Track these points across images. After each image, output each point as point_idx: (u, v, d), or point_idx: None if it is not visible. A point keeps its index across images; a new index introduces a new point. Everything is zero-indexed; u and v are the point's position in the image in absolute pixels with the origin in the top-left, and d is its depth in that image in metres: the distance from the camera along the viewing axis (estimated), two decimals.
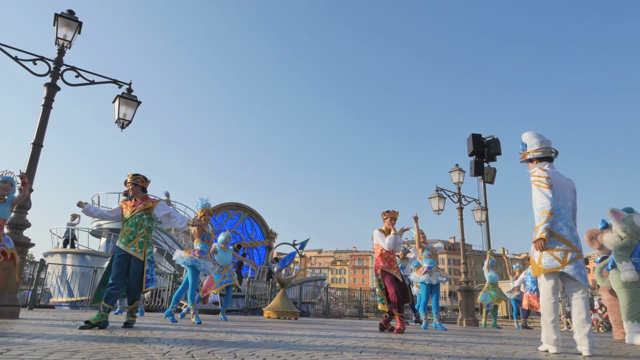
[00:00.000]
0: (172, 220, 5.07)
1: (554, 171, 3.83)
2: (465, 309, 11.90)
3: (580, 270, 3.56)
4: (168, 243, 16.12)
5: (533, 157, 3.95)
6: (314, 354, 2.95)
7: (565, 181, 3.84)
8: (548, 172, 3.73)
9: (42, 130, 6.19)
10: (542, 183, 3.69)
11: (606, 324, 13.49)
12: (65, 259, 14.55)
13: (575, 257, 3.57)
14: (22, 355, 2.35)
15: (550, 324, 3.58)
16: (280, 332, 4.98)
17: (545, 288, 3.65)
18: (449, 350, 3.52)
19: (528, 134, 4.03)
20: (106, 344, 3.00)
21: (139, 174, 5.02)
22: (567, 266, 3.53)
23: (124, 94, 7.23)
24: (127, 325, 4.68)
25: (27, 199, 5.89)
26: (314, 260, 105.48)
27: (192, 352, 2.76)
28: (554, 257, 3.58)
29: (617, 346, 4.81)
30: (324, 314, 15.70)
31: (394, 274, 6.38)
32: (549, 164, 3.88)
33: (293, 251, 10.99)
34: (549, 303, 3.61)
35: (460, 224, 12.67)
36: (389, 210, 6.69)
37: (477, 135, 14.04)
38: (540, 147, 3.92)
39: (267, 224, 20.97)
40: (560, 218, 3.69)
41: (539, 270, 3.66)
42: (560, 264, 3.55)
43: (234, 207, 20.05)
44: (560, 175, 3.84)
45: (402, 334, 5.98)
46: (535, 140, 3.96)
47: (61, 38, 6.53)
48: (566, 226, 3.66)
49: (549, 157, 3.91)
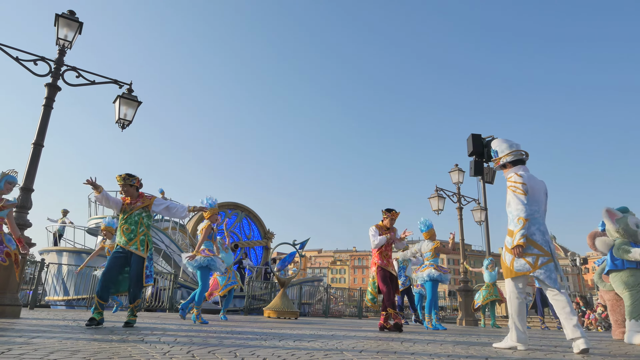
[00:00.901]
0: (173, 211, 5.13)
1: (529, 175, 3.93)
2: (464, 308, 11.92)
3: (551, 274, 3.68)
4: (165, 242, 16.07)
5: (506, 162, 4.05)
6: (314, 353, 2.96)
7: (538, 185, 3.94)
8: (524, 178, 3.83)
9: (42, 131, 6.20)
10: (517, 189, 3.80)
11: (605, 323, 13.51)
12: (61, 257, 14.52)
13: (546, 261, 3.71)
14: (23, 354, 2.36)
15: (519, 322, 3.71)
16: (281, 331, 5.00)
17: (513, 289, 3.80)
18: (449, 350, 3.54)
19: (496, 140, 4.18)
20: (107, 344, 3.01)
21: (132, 174, 5.00)
22: (538, 270, 3.67)
23: (125, 94, 7.25)
24: (127, 325, 4.69)
25: (27, 199, 5.91)
26: (314, 260, 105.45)
27: (193, 351, 2.78)
28: (525, 262, 3.72)
29: (616, 345, 4.83)
30: (323, 314, 15.71)
31: (390, 270, 6.44)
32: (524, 168, 3.99)
33: (293, 251, 11.01)
34: (516, 302, 3.77)
35: (459, 224, 12.68)
36: (392, 210, 6.69)
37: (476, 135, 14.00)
38: (510, 151, 4.03)
39: (266, 224, 20.91)
40: (533, 223, 3.81)
41: (511, 273, 3.79)
42: (531, 268, 3.70)
43: (232, 207, 19.95)
44: (534, 179, 3.94)
45: (401, 331, 5.98)
46: (504, 145, 4.08)
47: (62, 38, 6.54)
48: (539, 231, 3.79)
49: (521, 159, 4.02)
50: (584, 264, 33.38)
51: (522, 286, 3.82)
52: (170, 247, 16.01)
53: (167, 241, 16.17)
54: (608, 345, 4.82)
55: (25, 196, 5.86)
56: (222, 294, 7.88)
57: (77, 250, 15.01)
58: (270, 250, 20.82)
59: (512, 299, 3.79)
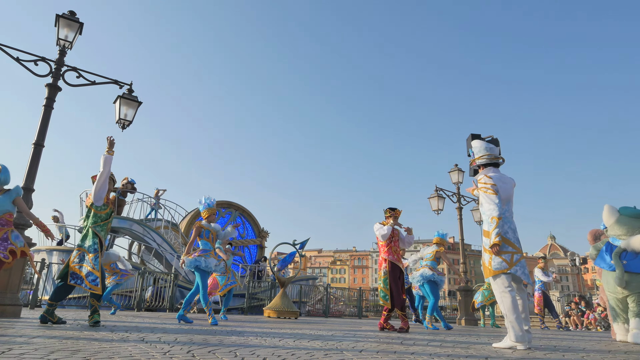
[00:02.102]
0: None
1: (499, 176, 4.09)
2: (464, 308, 11.93)
3: (524, 270, 3.88)
4: (157, 241, 16.04)
5: (479, 164, 4.24)
6: (313, 353, 2.96)
7: (508, 184, 4.08)
8: (493, 179, 3.99)
9: (43, 131, 6.21)
10: (488, 190, 3.97)
11: (604, 323, 13.52)
12: (51, 256, 14.43)
13: (520, 258, 3.88)
14: (24, 354, 2.37)
15: (515, 320, 3.70)
16: (281, 331, 5.00)
17: (499, 287, 3.86)
18: (449, 350, 3.54)
19: (475, 141, 4.35)
20: (107, 344, 3.02)
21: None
22: (514, 267, 3.83)
23: (125, 95, 7.26)
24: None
25: (28, 199, 5.92)
26: (314, 260, 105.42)
27: (193, 351, 2.78)
28: (502, 260, 3.85)
29: (615, 345, 4.83)
30: (323, 314, 15.72)
31: (400, 266, 6.38)
32: (494, 170, 4.14)
33: (293, 251, 11.01)
34: (508, 299, 3.79)
35: (459, 224, 12.70)
36: (394, 209, 6.68)
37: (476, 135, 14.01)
38: (483, 154, 4.19)
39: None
40: (505, 222, 3.95)
41: (490, 273, 3.91)
42: (508, 265, 3.83)
43: (225, 206, 19.81)
44: (503, 179, 4.08)
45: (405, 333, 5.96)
46: (480, 147, 4.24)
47: (62, 39, 6.55)
48: (510, 229, 3.95)
49: (494, 163, 4.18)
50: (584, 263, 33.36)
51: (507, 283, 3.84)
52: (162, 245, 15.99)
53: (159, 240, 16.12)
54: (608, 345, 4.82)
55: (25, 196, 5.86)
56: (222, 294, 7.89)
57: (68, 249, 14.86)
58: (263, 248, 20.79)
59: (502, 296, 3.82)
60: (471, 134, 11.02)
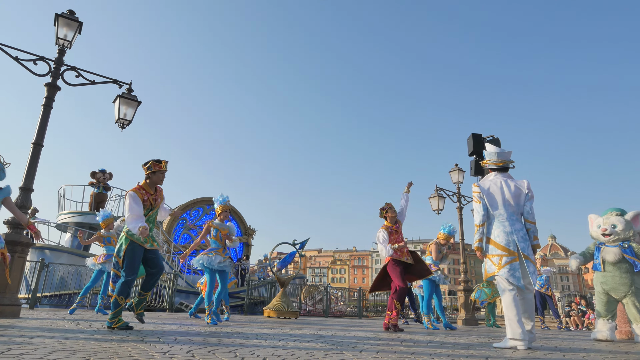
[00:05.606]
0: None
1: (492, 180, 4.23)
2: (465, 308, 11.92)
3: (514, 272, 3.87)
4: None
5: (487, 168, 4.45)
6: (313, 353, 2.95)
7: (505, 188, 4.14)
8: (480, 187, 4.18)
9: (42, 130, 6.20)
10: (474, 199, 4.22)
11: None
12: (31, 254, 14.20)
13: (510, 260, 3.91)
14: (23, 354, 2.36)
15: (515, 320, 3.72)
16: (281, 331, 4.99)
17: (499, 288, 3.93)
18: (449, 350, 3.53)
19: (487, 145, 4.53)
20: (107, 344, 3.01)
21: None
22: (502, 270, 3.89)
23: (124, 94, 7.24)
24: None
25: (27, 199, 5.90)
26: (314, 260, 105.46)
27: (193, 351, 2.77)
28: (492, 263, 3.99)
29: (615, 345, 4.83)
30: (324, 314, 15.71)
31: (405, 260, 6.28)
32: (497, 173, 4.28)
33: (293, 251, 10.99)
34: (508, 298, 3.82)
35: (459, 224, 12.68)
36: (385, 208, 6.66)
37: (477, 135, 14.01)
38: (489, 159, 4.37)
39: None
40: (497, 226, 4.06)
41: (485, 276, 4.09)
42: (496, 268, 3.93)
43: (210, 202, 19.21)
44: (494, 186, 4.17)
45: (401, 332, 5.94)
46: (488, 152, 4.40)
47: (61, 38, 6.54)
48: (503, 232, 4.02)
49: (499, 168, 4.31)
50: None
51: (507, 283, 3.84)
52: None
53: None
54: (608, 345, 4.81)
55: (24, 196, 5.85)
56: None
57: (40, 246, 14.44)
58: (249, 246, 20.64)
59: (502, 295, 3.88)
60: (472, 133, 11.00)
